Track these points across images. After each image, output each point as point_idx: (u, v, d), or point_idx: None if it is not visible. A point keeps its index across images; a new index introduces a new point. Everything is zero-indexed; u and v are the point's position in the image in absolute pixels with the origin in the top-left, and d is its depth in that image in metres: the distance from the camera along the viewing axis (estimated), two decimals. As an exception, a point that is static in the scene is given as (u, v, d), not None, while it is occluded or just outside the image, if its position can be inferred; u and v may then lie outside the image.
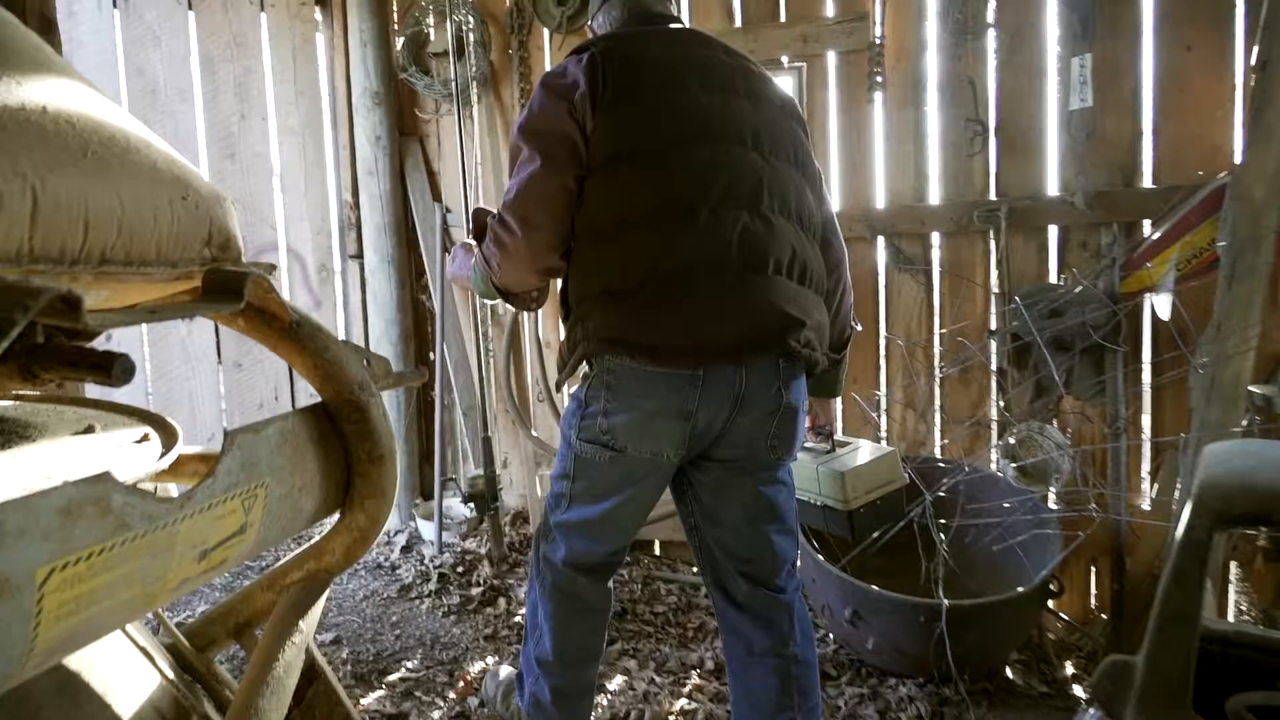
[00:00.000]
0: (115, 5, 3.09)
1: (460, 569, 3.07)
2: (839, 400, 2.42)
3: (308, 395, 3.53)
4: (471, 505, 2.29)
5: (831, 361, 1.80)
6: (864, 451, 2.01)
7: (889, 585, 2.37)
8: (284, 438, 1.05)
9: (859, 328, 1.93)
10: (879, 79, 2.99)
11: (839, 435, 2.14)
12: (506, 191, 1.63)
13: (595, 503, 1.68)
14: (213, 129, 3.29)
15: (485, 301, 2.21)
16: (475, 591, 2.91)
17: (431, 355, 3.51)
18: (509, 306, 2.05)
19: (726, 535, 1.73)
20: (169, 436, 1.09)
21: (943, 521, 2.55)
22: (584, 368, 1.67)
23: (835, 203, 3.09)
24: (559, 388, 1.72)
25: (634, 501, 1.68)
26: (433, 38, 3.41)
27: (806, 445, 2.04)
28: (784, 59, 3.13)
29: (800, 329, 1.57)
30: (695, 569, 3.26)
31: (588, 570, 1.76)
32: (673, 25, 1.75)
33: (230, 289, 0.97)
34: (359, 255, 3.55)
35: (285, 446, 1.06)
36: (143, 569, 0.74)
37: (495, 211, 1.67)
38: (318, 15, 3.50)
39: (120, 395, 3.46)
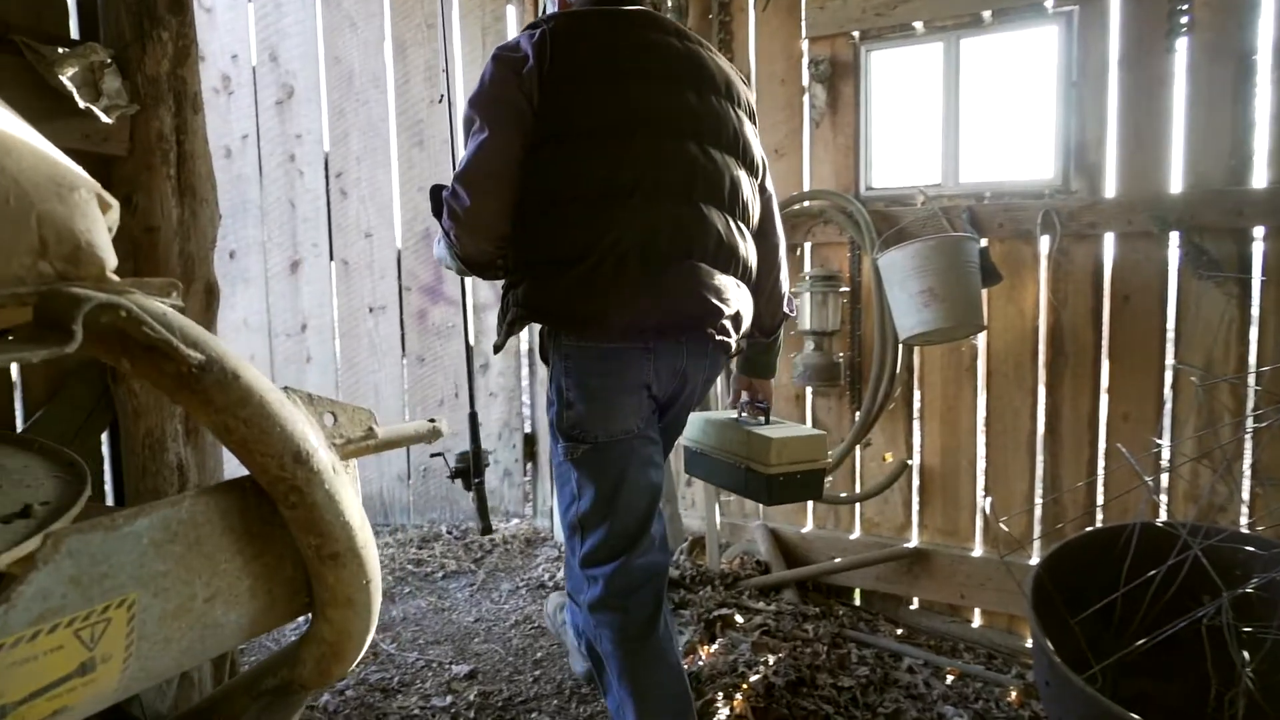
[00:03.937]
0: (317, -7, 3.07)
1: (624, 600, 2.74)
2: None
3: (486, 395, 3.36)
4: (459, 480, 2.32)
5: (763, 345, 2.00)
6: (795, 429, 2.09)
7: (1160, 699, 1.78)
8: (170, 533, 0.73)
9: (793, 313, 2.01)
10: (1184, 21, 2.24)
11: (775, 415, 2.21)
12: (459, 163, 1.64)
13: (603, 518, 1.66)
14: (402, 115, 3.19)
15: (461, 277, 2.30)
16: (634, 631, 2.56)
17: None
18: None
19: None
20: (73, 493, 0.81)
21: (1247, 630, 1.82)
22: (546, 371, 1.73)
23: (1110, 187, 2.40)
24: (496, 352, 1.83)
25: (633, 497, 1.67)
26: (627, 6, 3.08)
27: (744, 418, 2.11)
28: (1048, 3, 2.46)
29: (718, 316, 1.63)
30: (900, 630, 2.72)
31: (632, 592, 1.67)
32: (630, 8, 1.72)
33: (58, 322, 0.67)
34: (544, 246, 3.32)
35: (173, 545, 0.74)
36: None
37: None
38: (511, -14, 3.30)
39: (312, 384, 3.42)
